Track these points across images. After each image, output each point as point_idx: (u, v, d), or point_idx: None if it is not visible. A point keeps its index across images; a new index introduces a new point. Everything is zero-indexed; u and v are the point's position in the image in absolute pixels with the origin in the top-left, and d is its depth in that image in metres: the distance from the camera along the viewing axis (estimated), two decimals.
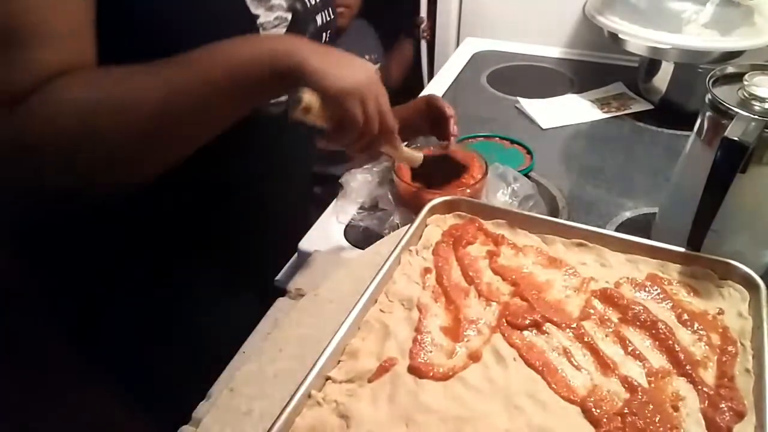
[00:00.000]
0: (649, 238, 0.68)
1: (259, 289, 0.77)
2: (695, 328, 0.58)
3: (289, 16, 0.68)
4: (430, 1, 1.60)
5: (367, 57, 1.38)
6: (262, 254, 0.84)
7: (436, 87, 1.27)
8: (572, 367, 0.55)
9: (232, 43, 0.56)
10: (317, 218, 0.87)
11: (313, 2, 0.73)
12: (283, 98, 0.73)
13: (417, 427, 0.50)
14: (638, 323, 0.59)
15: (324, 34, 0.77)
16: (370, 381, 0.54)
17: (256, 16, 0.64)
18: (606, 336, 0.58)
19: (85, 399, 0.93)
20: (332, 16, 0.78)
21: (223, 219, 0.78)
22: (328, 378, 0.54)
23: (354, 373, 0.54)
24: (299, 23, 0.70)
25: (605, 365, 0.55)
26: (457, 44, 1.56)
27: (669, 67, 1.11)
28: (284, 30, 0.68)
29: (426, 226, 0.71)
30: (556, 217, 0.81)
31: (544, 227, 0.70)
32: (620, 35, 1.10)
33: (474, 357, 0.55)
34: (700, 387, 0.53)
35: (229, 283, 0.80)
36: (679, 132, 1.08)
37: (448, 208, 0.73)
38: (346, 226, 0.84)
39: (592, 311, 0.60)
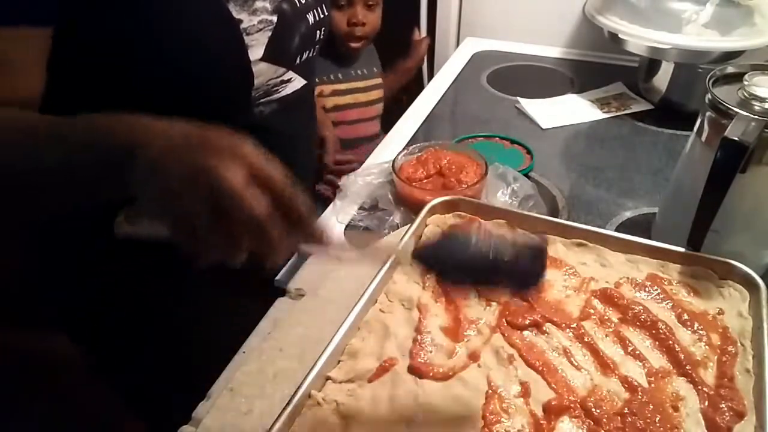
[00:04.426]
0: (649, 238, 0.68)
1: (259, 289, 0.76)
2: (695, 328, 0.58)
3: (275, 18, 0.67)
4: (430, 0, 1.60)
5: (375, 71, 1.38)
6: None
7: (436, 87, 1.27)
8: (572, 367, 0.55)
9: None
10: (317, 218, 0.86)
11: (303, 0, 0.72)
12: (274, 97, 0.72)
13: (417, 427, 0.50)
14: (638, 323, 0.59)
15: (318, 31, 0.77)
16: (370, 381, 0.54)
17: (240, 21, 0.64)
18: (606, 336, 0.58)
19: (85, 399, 0.93)
20: (326, 13, 0.78)
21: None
22: (328, 378, 0.54)
23: (354, 373, 0.55)
24: (286, 25, 0.69)
25: (605, 365, 0.55)
26: (457, 44, 1.56)
27: (669, 67, 1.11)
28: (270, 33, 0.67)
29: (426, 226, 0.71)
30: (556, 217, 0.81)
31: (544, 227, 0.70)
32: (620, 35, 1.10)
33: (474, 357, 0.55)
34: (700, 387, 0.53)
35: (229, 283, 0.80)
36: (679, 132, 1.08)
37: (448, 208, 0.73)
38: (346, 226, 0.84)
39: (592, 311, 0.60)
